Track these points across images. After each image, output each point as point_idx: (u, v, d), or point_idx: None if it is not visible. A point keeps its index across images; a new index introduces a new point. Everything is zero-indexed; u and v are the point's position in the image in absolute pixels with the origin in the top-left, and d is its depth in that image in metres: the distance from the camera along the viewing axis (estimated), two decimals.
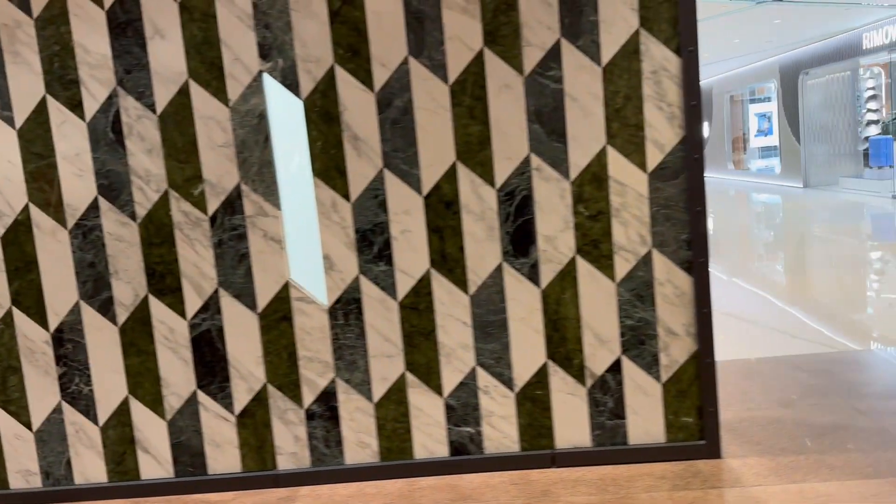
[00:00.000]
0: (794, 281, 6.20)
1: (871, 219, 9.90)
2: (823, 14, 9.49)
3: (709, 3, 7.87)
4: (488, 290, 2.70)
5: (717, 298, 5.30)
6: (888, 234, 8.63)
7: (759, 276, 6.47)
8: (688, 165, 2.59)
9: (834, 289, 5.95)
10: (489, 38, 2.58)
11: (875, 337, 4.29)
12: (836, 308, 5.02)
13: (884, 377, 3.33)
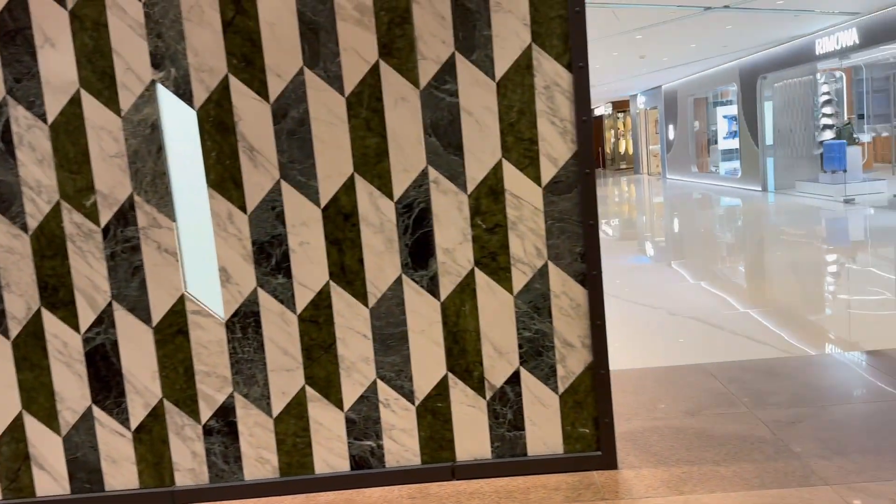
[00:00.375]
0: (742, 283, 6.29)
1: (818, 222, 10.09)
2: (774, 20, 9.64)
3: (659, 8, 7.95)
4: (388, 302, 2.69)
5: (680, 301, 5.36)
6: (834, 238, 8.79)
7: (708, 278, 6.55)
8: (580, 179, 2.61)
9: (778, 292, 6.04)
10: (384, 51, 2.57)
11: (812, 341, 4.36)
12: (782, 311, 5.09)
13: (792, 385, 3.39)
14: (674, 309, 5.42)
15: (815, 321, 4.81)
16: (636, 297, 6.01)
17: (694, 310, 5.30)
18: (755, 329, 4.73)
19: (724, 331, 4.79)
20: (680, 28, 9.44)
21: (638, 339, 4.79)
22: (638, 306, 5.62)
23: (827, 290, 5.95)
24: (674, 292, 6.01)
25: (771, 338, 4.51)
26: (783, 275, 6.70)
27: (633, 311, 5.51)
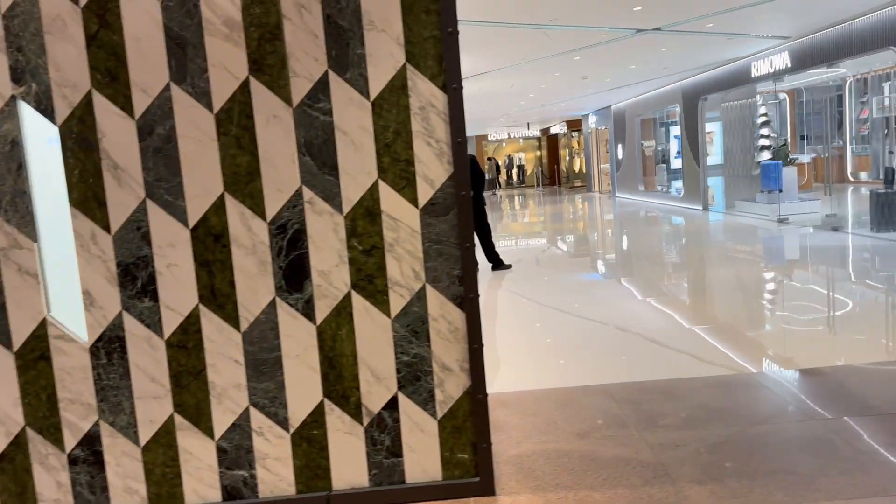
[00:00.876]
0: (661, 301, 6.35)
1: (749, 241, 10.30)
2: (708, 43, 9.87)
3: (590, 30, 8.06)
4: (261, 326, 2.60)
5: (615, 315, 5.35)
6: (760, 256, 8.98)
7: (642, 295, 6.61)
8: (457, 201, 2.57)
9: (695, 308, 6.11)
10: (255, 67, 2.51)
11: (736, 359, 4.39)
12: (706, 326, 5.15)
13: (687, 407, 3.40)
14: (608, 321, 5.44)
15: (730, 338, 4.86)
16: (576, 311, 6.02)
17: (628, 324, 5.32)
18: (683, 344, 4.76)
19: (657, 346, 4.81)
20: (616, 50, 9.60)
21: (564, 353, 4.78)
22: (573, 318, 5.64)
23: (744, 308, 6.04)
24: (608, 307, 6.03)
25: (691, 352, 4.54)
26: (705, 292, 6.80)
27: (569, 325, 5.52)
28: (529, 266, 8.88)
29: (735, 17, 7.90)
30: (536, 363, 4.65)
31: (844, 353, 4.43)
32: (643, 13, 7.23)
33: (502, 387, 4.12)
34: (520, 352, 5.02)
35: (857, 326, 5.07)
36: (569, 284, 7.47)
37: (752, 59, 11.67)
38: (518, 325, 5.87)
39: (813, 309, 5.79)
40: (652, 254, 10.02)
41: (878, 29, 8.19)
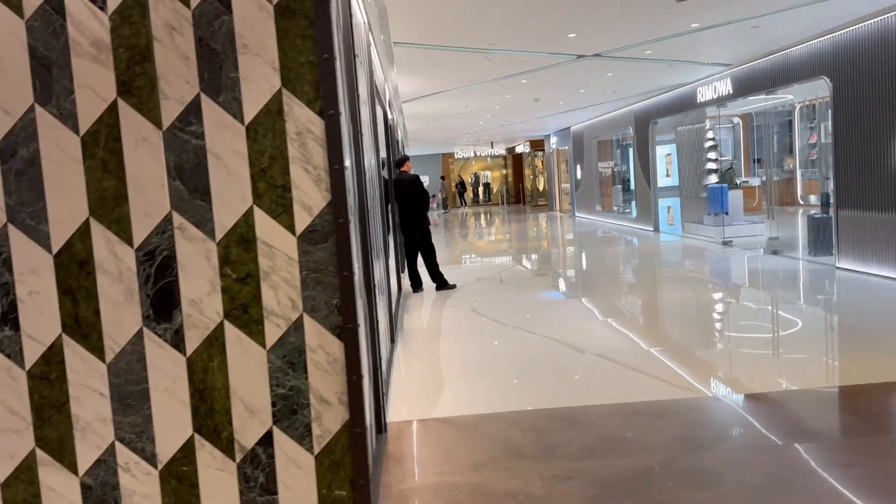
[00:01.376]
0: (599, 319, 6.34)
1: (690, 263, 10.43)
2: (652, 69, 10.02)
3: (530, 55, 8.12)
4: (128, 357, 2.49)
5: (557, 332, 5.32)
6: (698, 279, 9.08)
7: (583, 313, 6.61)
8: (335, 229, 2.51)
9: (619, 329, 6.11)
10: (123, 89, 2.42)
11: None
12: (630, 349, 5.13)
13: (587, 435, 3.36)
14: (551, 338, 5.41)
15: (635, 359, 4.86)
16: (514, 328, 5.99)
17: (574, 342, 5.29)
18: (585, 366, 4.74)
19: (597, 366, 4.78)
20: (561, 74, 9.69)
21: (519, 373, 4.72)
22: (510, 335, 5.60)
23: (655, 328, 6.06)
24: (547, 324, 6.00)
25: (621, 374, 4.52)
26: (630, 312, 6.82)
27: (511, 343, 5.46)
28: (477, 283, 8.84)
29: (672, 45, 8.04)
30: (489, 383, 4.59)
31: (754, 379, 4.45)
32: (578, 40, 7.31)
33: (444, 411, 4.04)
34: (474, 371, 4.95)
35: (764, 351, 5.12)
36: (512, 301, 7.45)
37: (698, 85, 11.90)
38: (467, 344, 5.81)
39: (723, 330, 5.84)
40: (595, 274, 10.07)
41: (812, 59, 8.41)
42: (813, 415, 3.65)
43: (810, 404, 3.80)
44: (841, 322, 6.16)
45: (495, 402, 4.12)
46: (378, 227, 5.01)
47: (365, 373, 2.70)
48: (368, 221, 3.62)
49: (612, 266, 10.81)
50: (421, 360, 5.44)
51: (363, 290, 3.25)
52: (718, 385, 4.27)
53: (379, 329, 3.68)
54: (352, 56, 3.34)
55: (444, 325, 6.91)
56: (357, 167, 3.35)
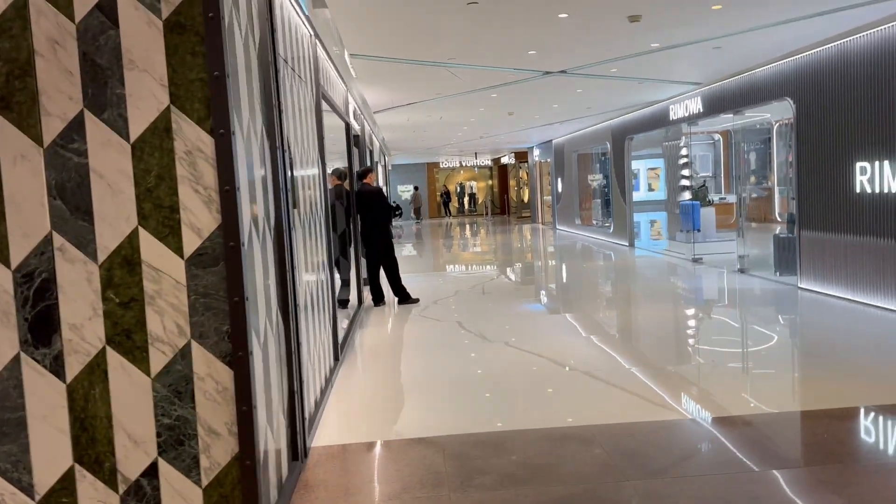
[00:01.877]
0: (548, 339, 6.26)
1: (656, 279, 10.38)
2: (622, 86, 10.01)
3: (496, 71, 8.07)
4: (3, 384, 2.38)
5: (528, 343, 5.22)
6: (660, 295, 9.03)
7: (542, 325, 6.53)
8: (226, 252, 2.41)
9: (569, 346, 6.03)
10: (2, 104, 2.32)
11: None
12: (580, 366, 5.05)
13: (510, 464, 3.27)
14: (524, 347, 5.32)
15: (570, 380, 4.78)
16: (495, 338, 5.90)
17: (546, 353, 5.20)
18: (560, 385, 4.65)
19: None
20: (530, 89, 9.66)
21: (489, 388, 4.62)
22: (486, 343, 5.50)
23: (593, 347, 5.98)
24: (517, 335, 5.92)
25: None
26: (596, 330, 6.74)
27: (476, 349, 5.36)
28: (442, 297, 8.75)
29: (636, 64, 8.01)
30: (431, 403, 4.48)
31: (681, 402, 4.38)
32: (538, 57, 7.27)
33: (375, 434, 3.93)
34: (419, 391, 4.84)
35: (691, 372, 5.05)
36: (476, 313, 7.35)
37: (670, 103, 11.91)
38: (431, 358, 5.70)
39: (662, 350, 5.77)
40: (560, 288, 10.00)
41: (776, 80, 8.41)
42: (759, 441, 3.58)
43: (761, 429, 3.73)
44: (786, 343, 6.11)
45: (431, 425, 4.02)
46: (319, 241, 4.91)
47: (259, 402, 2.60)
48: (291, 238, 3.52)
49: (577, 282, 10.76)
50: (367, 378, 5.33)
51: (276, 312, 3.15)
52: (629, 410, 4.18)
53: (300, 350, 3.57)
54: (271, 70, 3.25)
55: (399, 341, 6.80)
56: (275, 183, 3.26)
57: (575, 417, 4.07)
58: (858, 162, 6.95)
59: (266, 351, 2.88)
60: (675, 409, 4.17)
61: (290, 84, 4.00)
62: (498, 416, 4.19)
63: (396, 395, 4.82)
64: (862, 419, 3.84)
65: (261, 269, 2.86)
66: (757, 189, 18.26)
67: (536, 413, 4.20)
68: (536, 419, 4.05)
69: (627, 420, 3.94)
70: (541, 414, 4.17)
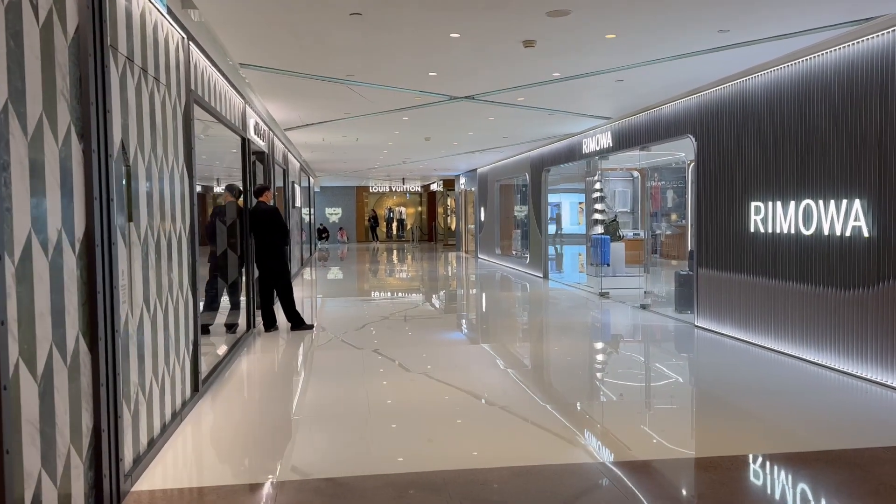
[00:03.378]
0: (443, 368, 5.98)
1: (559, 312, 10.31)
2: (534, 116, 9.98)
3: (400, 92, 7.86)
4: None
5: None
6: (556, 328, 8.92)
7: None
8: None
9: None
10: None
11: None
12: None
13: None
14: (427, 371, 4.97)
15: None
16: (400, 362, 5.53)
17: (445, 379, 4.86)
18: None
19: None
20: (441, 114, 9.50)
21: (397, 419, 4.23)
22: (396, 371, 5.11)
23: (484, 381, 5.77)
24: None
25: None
26: (484, 360, 6.52)
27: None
28: (357, 322, 8.36)
29: (540, 94, 7.96)
30: (289, 441, 4.07)
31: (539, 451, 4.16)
32: (440, 79, 7.10)
33: (210, 478, 3.49)
34: (280, 426, 4.42)
35: (575, 414, 4.88)
36: (368, 342, 7.00)
37: (583, 137, 12.02)
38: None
39: (537, 386, 5.60)
40: (464, 318, 9.78)
41: (679, 117, 8.54)
42: (639, 489, 3.35)
43: (640, 476, 3.51)
44: (671, 386, 6.03)
45: (278, 468, 3.63)
46: (175, 260, 4.48)
47: (26, 442, 2.18)
48: (112, 255, 3.11)
49: (486, 311, 10.58)
50: (229, 413, 4.88)
51: (76, 339, 2.73)
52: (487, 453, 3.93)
53: (116, 382, 3.14)
54: (90, 63, 2.87)
55: (280, 369, 6.38)
56: (87, 191, 2.86)
57: (443, 458, 3.77)
58: (753, 202, 7.04)
59: (47, 384, 2.46)
60: (564, 450, 3.92)
61: (134, 84, 3.62)
62: (356, 458, 3.84)
63: (255, 432, 4.40)
64: (751, 467, 3.70)
65: (45, 289, 2.45)
66: (672, 226, 18.74)
67: (390, 453, 3.87)
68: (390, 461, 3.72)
69: (494, 464, 3.66)
70: (397, 454, 3.84)
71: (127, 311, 3.42)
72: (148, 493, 3.31)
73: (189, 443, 4.17)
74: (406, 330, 8.47)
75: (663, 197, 20.28)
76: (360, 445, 4.05)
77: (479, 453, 3.88)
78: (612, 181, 17.45)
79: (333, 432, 4.31)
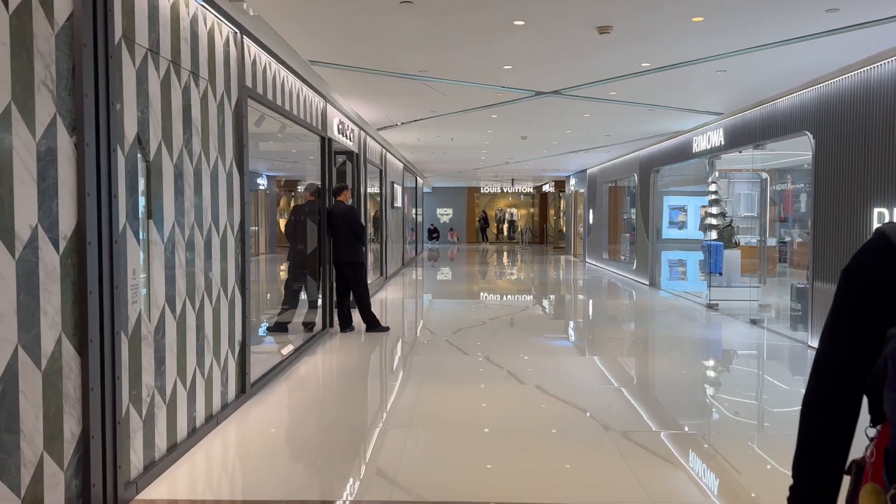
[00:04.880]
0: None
1: (662, 326, 9.49)
2: (630, 113, 9.29)
3: (484, 88, 7.50)
4: None
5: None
6: (655, 346, 8.17)
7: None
8: None
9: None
10: None
11: None
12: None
13: None
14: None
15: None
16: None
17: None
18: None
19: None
20: (530, 111, 9.04)
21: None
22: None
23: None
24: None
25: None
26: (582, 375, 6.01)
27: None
28: (425, 327, 8.15)
29: (630, 86, 7.30)
30: (320, 459, 3.89)
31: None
32: (516, 73, 6.66)
33: (218, 492, 3.35)
34: (320, 441, 4.26)
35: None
36: (451, 352, 6.72)
37: (693, 134, 11.10)
38: None
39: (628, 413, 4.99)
40: (577, 326, 9.24)
41: (795, 112, 7.58)
42: None
43: None
44: (776, 417, 5.26)
45: (296, 487, 3.41)
46: (217, 260, 4.38)
47: None
48: (113, 252, 3.00)
49: (585, 320, 9.98)
50: (275, 417, 4.74)
51: (60, 341, 2.61)
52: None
53: (115, 384, 3.02)
54: (82, 53, 2.76)
55: (343, 373, 6.21)
56: (80, 186, 2.75)
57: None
58: (876, 207, 6.07)
59: (7, 389, 2.34)
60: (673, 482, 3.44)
61: (159, 77, 3.52)
62: (398, 484, 3.55)
63: (303, 442, 4.22)
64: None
65: (5, 288, 2.33)
66: (801, 233, 17.07)
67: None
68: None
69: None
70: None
71: (139, 312, 3.31)
72: (152, 502, 3.18)
73: (219, 450, 4.04)
74: (510, 335, 8.10)
75: (796, 201, 18.55)
76: (445, 470, 3.74)
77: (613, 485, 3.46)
78: (737, 183, 16.08)
79: (396, 450, 4.03)
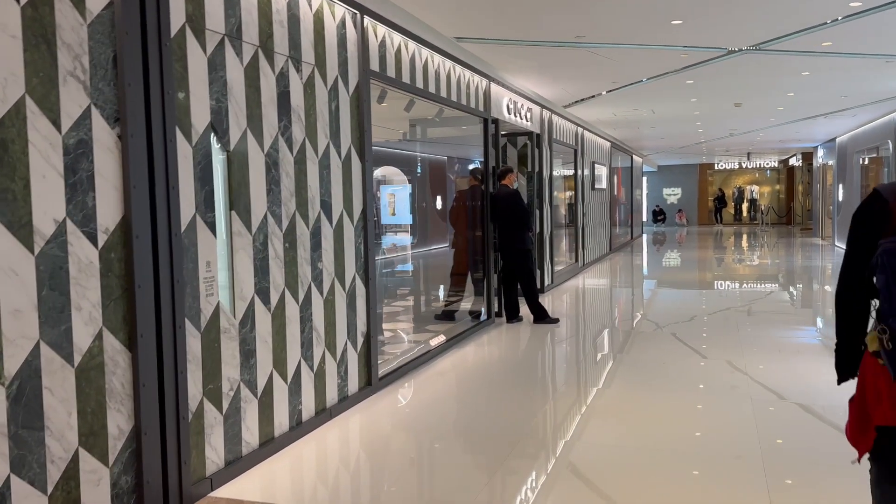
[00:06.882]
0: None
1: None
2: (855, 68, 7.54)
3: (662, 50, 6.54)
4: None
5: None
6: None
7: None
8: None
9: None
10: None
11: None
12: None
13: None
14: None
15: None
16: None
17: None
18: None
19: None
20: (728, 72, 7.75)
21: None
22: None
23: None
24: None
25: None
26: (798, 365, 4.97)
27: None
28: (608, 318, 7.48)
29: (843, 33, 5.80)
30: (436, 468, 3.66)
31: None
32: (691, 28, 5.61)
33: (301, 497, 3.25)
34: (447, 444, 4.04)
35: None
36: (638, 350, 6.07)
37: None
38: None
39: None
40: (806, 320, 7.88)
41: None
42: None
43: None
44: None
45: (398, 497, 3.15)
46: (331, 249, 4.26)
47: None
48: (172, 245, 2.96)
49: (822, 319, 8.45)
50: (398, 415, 4.54)
51: (100, 336, 2.60)
52: None
53: (177, 379, 2.98)
54: (122, 44, 2.70)
55: (496, 368, 5.83)
56: (125, 179, 2.71)
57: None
58: None
59: (28, 386, 2.35)
60: None
61: (243, 64, 3.43)
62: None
63: (425, 446, 3.97)
64: None
65: (20, 284, 2.34)
66: None
67: None
68: None
69: None
70: None
71: (217, 305, 3.26)
72: (225, 500, 3.12)
73: (319, 448, 3.92)
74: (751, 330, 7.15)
75: None
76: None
77: None
78: None
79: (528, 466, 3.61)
